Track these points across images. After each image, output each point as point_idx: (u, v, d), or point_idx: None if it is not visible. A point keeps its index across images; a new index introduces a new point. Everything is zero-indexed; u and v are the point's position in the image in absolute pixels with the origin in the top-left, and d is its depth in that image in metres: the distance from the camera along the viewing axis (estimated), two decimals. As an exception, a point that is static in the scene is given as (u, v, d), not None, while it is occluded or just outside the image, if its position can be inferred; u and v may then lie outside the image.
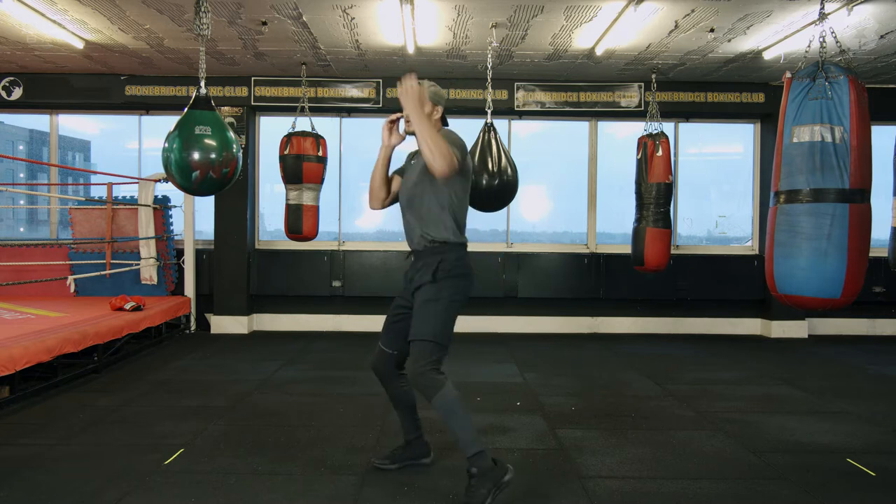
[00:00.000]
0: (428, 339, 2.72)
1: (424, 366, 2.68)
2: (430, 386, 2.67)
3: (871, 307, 7.38)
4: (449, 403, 2.66)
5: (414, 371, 2.70)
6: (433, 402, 2.67)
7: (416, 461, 3.15)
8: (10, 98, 6.95)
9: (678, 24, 5.18)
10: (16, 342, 4.18)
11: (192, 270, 7.18)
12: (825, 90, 3.09)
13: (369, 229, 7.85)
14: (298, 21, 5.22)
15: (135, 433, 3.65)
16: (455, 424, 2.67)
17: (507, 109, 7.07)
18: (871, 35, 5.27)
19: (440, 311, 2.75)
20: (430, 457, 3.19)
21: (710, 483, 3.02)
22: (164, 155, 4.05)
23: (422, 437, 3.16)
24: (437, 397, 2.65)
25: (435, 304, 2.75)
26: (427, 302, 2.76)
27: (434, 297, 2.76)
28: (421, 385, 2.69)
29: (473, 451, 2.64)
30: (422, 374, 2.68)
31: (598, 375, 5.29)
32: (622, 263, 6.96)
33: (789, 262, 3.17)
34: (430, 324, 2.73)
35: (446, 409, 2.66)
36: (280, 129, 6.25)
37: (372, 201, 3.03)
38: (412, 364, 2.73)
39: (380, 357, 3.00)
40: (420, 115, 2.67)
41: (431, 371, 2.68)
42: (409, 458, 3.14)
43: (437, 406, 2.67)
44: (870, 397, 4.65)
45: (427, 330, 2.72)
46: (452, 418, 2.67)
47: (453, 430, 2.69)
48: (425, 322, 2.74)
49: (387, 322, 3.00)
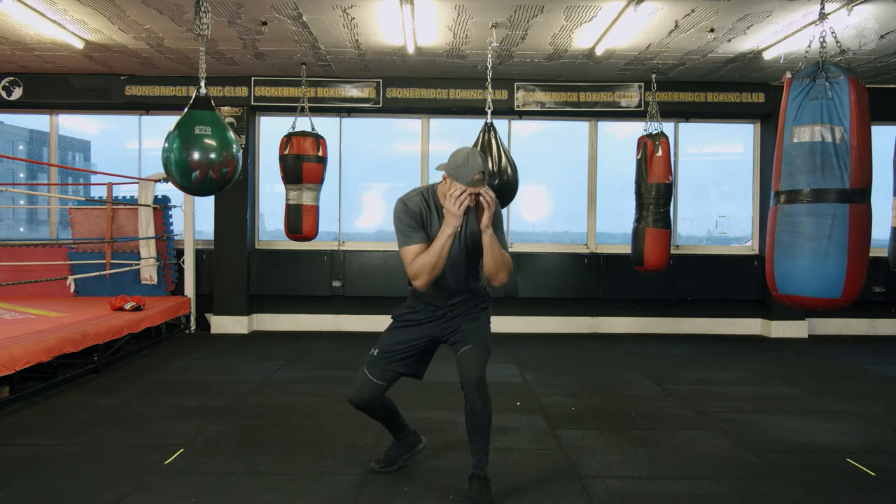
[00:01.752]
0: (488, 352, 2.82)
1: (485, 374, 2.75)
2: (488, 396, 2.74)
3: (871, 307, 7.37)
4: (491, 417, 2.75)
5: (479, 377, 2.71)
6: (486, 412, 2.71)
7: (413, 452, 3.17)
8: (10, 98, 6.94)
9: (678, 24, 5.18)
10: (16, 342, 4.19)
11: (192, 270, 7.17)
12: (825, 90, 3.09)
13: (369, 229, 7.85)
14: (298, 21, 5.22)
15: (135, 433, 3.65)
16: (489, 435, 2.77)
17: (507, 109, 7.07)
18: (871, 35, 5.27)
19: (489, 331, 2.94)
20: (423, 442, 3.23)
21: (710, 483, 3.02)
22: (164, 155, 4.05)
23: (407, 426, 3.17)
24: (490, 409, 2.73)
25: (487, 325, 2.92)
26: (484, 322, 2.90)
27: (486, 318, 2.93)
28: (484, 393, 2.71)
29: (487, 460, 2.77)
30: (484, 381, 2.73)
31: (598, 375, 5.28)
32: (622, 263, 6.95)
33: (790, 263, 3.17)
34: (488, 340, 2.86)
35: (489, 421, 2.74)
36: (280, 129, 6.24)
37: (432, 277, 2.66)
38: (476, 371, 2.71)
39: (371, 390, 2.89)
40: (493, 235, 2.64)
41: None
42: (406, 452, 3.16)
43: (486, 416, 2.72)
44: (870, 397, 4.65)
45: (488, 345, 2.84)
46: (489, 429, 2.76)
47: (487, 441, 2.76)
48: (484, 335, 2.85)
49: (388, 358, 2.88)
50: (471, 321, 2.86)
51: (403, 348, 2.88)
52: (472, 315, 2.87)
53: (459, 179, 2.57)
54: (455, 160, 2.60)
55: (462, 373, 2.73)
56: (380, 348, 2.91)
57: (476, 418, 2.70)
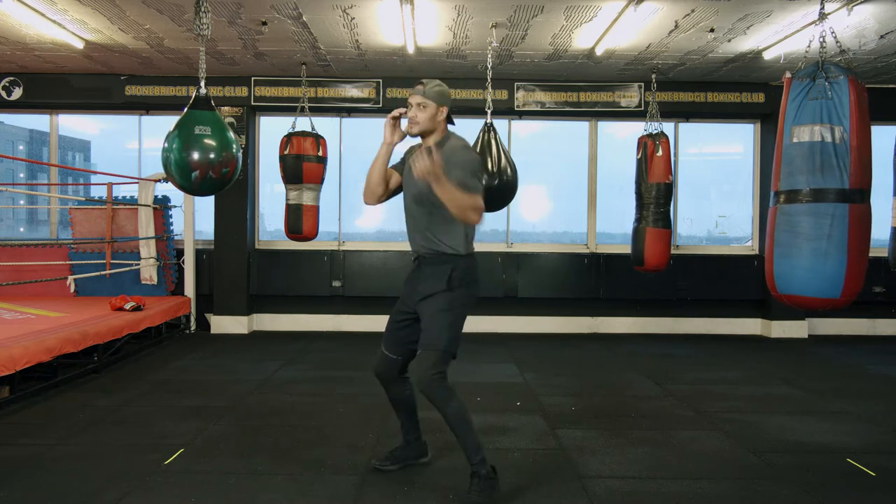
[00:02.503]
0: (440, 349, 2.72)
1: (434, 375, 2.68)
2: (441, 396, 2.70)
3: (871, 307, 7.37)
4: (461, 414, 2.72)
5: (422, 379, 2.69)
6: (447, 411, 2.70)
7: (416, 461, 3.17)
8: (10, 98, 6.94)
9: (678, 24, 5.18)
10: (16, 342, 4.18)
11: (192, 270, 7.17)
12: (825, 90, 3.09)
13: (369, 229, 7.85)
14: (298, 21, 5.22)
15: (135, 433, 3.65)
16: (464, 432, 2.73)
17: (507, 109, 7.07)
18: (871, 35, 5.27)
19: (453, 320, 2.75)
20: (428, 456, 3.21)
21: (710, 483, 3.02)
22: (163, 155, 4.05)
23: (420, 437, 3.17)
24: (451, 408, 2.70)
25: (448, 314, 2.74)
26: (441, 311, 2.74)
27: (447, 306, 2.74)
28: (430, 394, 2.69)
29: (479, 457, 2.73)
30: (430, 383, 2.68)
31: (598, 375, 5.28)
32: (622, 263, 6.94)
33: (789, 263, 3.17)
34: (444, 334, 2.72)
35: (458, 418, 2.72)
36: (280, 129, 6.24)
37: (367, 196, 2.96)
38: (421, 372, 2.70)
39: (383, 362, 2.97)
40: (442, 185, 2.55)
41: (441, 380, 2.70)
42: (409, 457, 3.15)
43: (450, 415, 2.70)
44: (870, 397, 4.65)
45: (440, 340, 2.72)
46: (462, 427, 2.72)
47: (463, 437, 2.73)
48: (438, 331, 2.72)
49: (390, 328, 2.97)
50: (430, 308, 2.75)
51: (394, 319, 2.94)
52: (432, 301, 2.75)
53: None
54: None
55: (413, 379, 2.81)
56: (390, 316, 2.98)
57: (445, 419, 2.73)
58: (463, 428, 2.72)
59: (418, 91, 2.80)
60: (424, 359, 2.72)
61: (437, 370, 2.69)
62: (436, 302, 2.75)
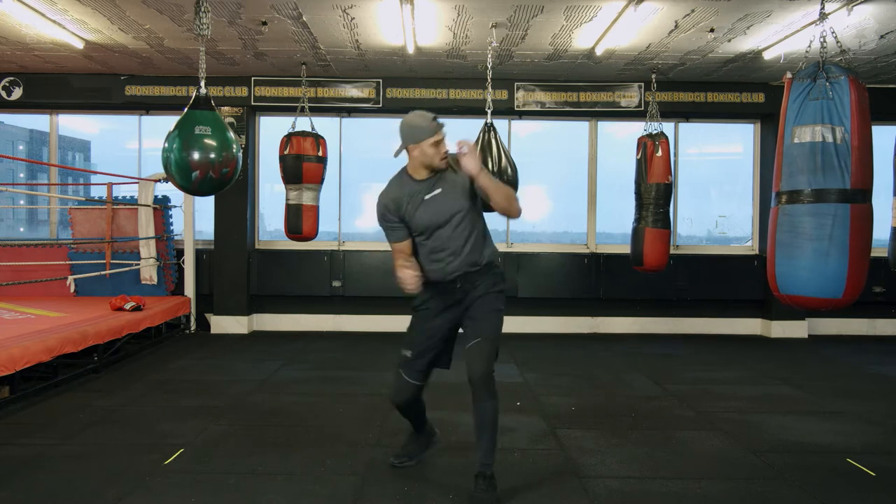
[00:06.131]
0: (498, 344, 2.79)
1: (493, 371, 2.73)
2: (494, 391, 2.73)
3: (871, 307, 7.37)
4: (498, 413, 2.75)
5: (486, 373, 2.70)
6: (489, 406, 2.71)
7: (430, 447, 3.21)
8: (10, 98, 6.94)
9: (678, 24, 5.18)
10: (16, 342, 4.18)
11: (192, 270, 7.17)
12: (826, 90, 3.09)
13: (369, 229, 7.84)
14: (298, 21, 5.22)
15: (135, 433, 3.65)
16: (493, 432, 2.75)
17: (507, 109, 7.06)
18: (871, 35, 5.27)
19: (502, 322, 2.86)
20: (437, 434, 3.25)
21: (710, 483, 3.02)
22: (164, 155, 4.05)
23: (427, 421, 3.19)
24: (494, 405, 2.73)
25: (500, 315, 2.84)
26: (497, 311, 2.82)
27: (501, 306, 2.84)
28: (488, 388, 2.70)
29: (492, 458, 2.76)
30: (491, 379, 2.71)
31: (598, 375, 5.28)
32: (622, 263, 6.94)
33: (791, 263, 3.17)
34: (498, 332, 2.81)
35: (496, 416, 2.74)
36: (280, 129, 6.24)
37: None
38: (485, 366, 2.70)
39: (408, 390, 2.92)
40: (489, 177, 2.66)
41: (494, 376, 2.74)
42: (423, 447, 3.19)
43: (490, 411, 2.72)
44: (870, 397, 4.65)
45: (498, 335, 2.80)
46: (495, 426, 2.75)
47: (490, 437, 2.74)
48: (496, 328, 2.80)
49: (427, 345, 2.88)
50: (485, 307, 2.80)
51: (431, 334, 2.89)
52: (487, 300, 2.81)
53: (424, 137, 2.64)
54: (406, 129, 2.68)
55: (470, 367, 2.72)
56: (412, 348, 2.90)
57: (483, 414, 2.71)
58: (495, 427, 2.75)
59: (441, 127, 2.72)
60: (488, 352, 2.74)
61: (493, 364, 2.74)
62: (493, 301, 2.82)
